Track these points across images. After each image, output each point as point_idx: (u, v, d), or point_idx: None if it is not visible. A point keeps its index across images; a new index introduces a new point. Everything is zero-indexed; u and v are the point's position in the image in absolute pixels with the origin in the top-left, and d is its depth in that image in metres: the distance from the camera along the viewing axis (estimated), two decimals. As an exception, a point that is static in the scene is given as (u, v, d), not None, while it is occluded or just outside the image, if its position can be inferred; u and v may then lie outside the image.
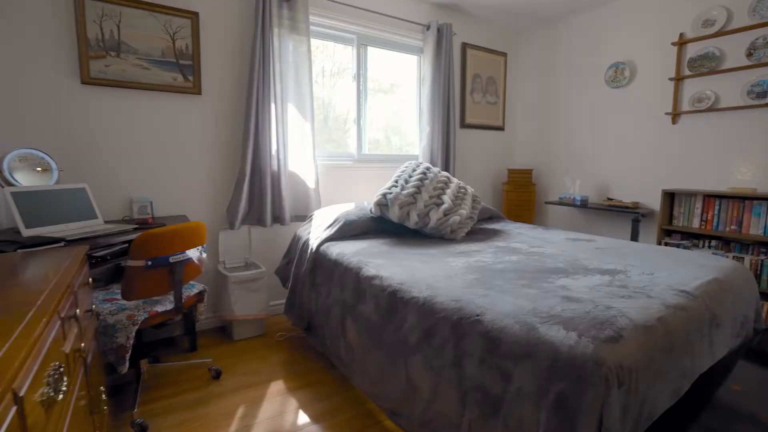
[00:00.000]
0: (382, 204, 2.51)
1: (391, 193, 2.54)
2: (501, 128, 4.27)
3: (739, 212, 2.78)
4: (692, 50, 3.02)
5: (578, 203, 3.50)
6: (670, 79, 3.11)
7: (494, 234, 2.58)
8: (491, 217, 3.13)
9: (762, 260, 2.65)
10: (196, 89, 2.58)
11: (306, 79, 2.88)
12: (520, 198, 3.93)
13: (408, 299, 1.60)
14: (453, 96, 3.63)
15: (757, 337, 1.88)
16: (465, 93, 3.92)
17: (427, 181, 2.64)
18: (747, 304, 1.81)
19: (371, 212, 2.59)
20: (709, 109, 2.94)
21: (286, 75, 2.83)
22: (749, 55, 2.77)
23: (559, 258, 1.97)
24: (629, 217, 3.45)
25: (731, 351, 1.67)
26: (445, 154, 3.67)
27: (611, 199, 3.45)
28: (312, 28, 3.03)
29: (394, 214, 2.48)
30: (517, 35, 4.31)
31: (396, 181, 2.65)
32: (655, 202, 3.28)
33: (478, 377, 1.29)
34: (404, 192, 2.53)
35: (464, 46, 3.87)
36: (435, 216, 2.47)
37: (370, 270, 1.89)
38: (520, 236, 2.51)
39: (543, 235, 2.54)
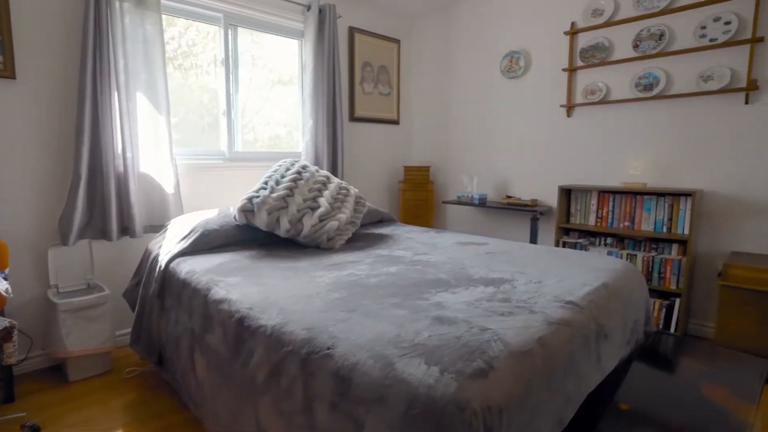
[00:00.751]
0: (247, 210, 2.22)
1: (258, 197, 2.25)
2: (396, 122, 4.17)
3: (631, 208, 2.94)
4: (584, 40, 3.16)
5: (476, 202, 3.51)
6: (564, 69, 3.23)
7: (380, 240, 2.42)
8: (382, 221, 2.99)
9: (653, 257, 2.82)
10: (8, 71, 2.19)
11: (159, 65, 2.56)
12: (418, 198, 3.86)
13: (255, 328, 1.35)
14: (339, 85, 3.43)
15: (649, 340, 1.91)
16: (354, 82, 3.75)
17: (301, 182, 2.39)
18: (637, 309, 1.83)
19: (235, 220, 2.29)
20: (602, 102, 3.09)
21: (134, 59, 2.50)
22: (636, 46, 2.95)
23: (443, 267, 1.84)
24: (529, 215, 3.53)
25: (622, 360, 1.66)
26: (332, 150, 3.46)
27: (510, 197, 3.50)
28: (166, 2, 2.70)
29: (261, 221, 2.20)
30: (411, 21, 4.26)
31: (265, 183, 2.38)
32: (553, 199, 3.39)
33: (329, 427, 1.08)
34: (274, 195, 2.26)
35: (351, 31, 3.70)
36: (309, 222, 2.23)
37: (219, 292, 1.61)
38: (407, 242, 2.37)
39: (433, 240, 2.43)
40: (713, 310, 2.76)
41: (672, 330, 2.73)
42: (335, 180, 2.54)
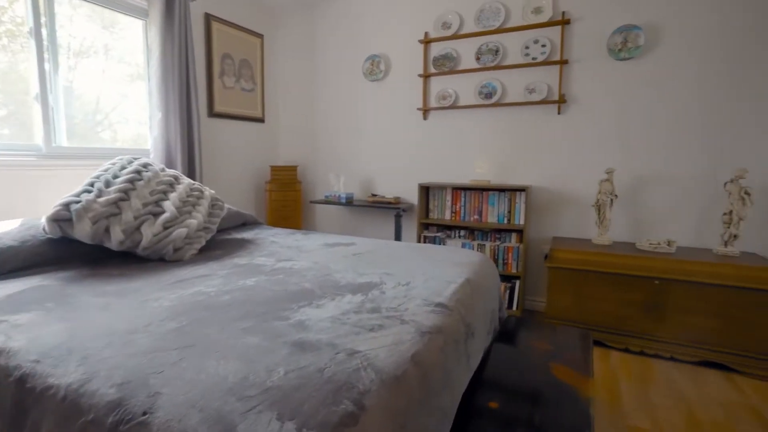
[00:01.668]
0: (62, 219, 1.62)
1: (78, 202, 1.66)
2: (261, 120, 3.72)
3: (479, 203, 2.99)
4: (436, 49, 3.13)
5: (344, 201, 3.29)
6: (420, 75, 3.16)
7: (240, 246, 2.01)
8: (245, 224, 2.56)
9: (498, 245, 2.91)
10: None
11: None
12: (286, 198, 3.49)
13: (42, 390, 0.87)
14: (195, 77, 2.87)
15: (501, 326, 1.88)
16: (212, 75, 3.20)
17: (141, 183, 1.86)
18: (493, 298, 1.77)
19: (45, 232, 1.66)
20: (452, 107, 3.10)
21: None
22: (478, 58, 3.00)
23: (308, 274, 1.54)
24: (393, 212, 3.43)
25: (485, 352, 1.56)
26: (188, 149, 2.88)
27: (375, 195, 3.35)
28: None
29: (83, 232, 1.62)
30: (275, 15, 3.84)
31: (91, 185, 1.78)
32: (414, 197, 3.33)
33: None
34: (102, 199, 1.69)
35: (208, 18, 3.14)
36: (150, 231, 1.72)
37: (-2, 336, 1.06)
38: (271, 246, 2.01)
39: (299, 243, 2.11)
40: (543, 288, 2.95)
41: (514, 308, 2.85)
42: (185, 180, 2.05)
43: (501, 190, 2.92)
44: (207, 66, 3.16)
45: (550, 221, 2.97)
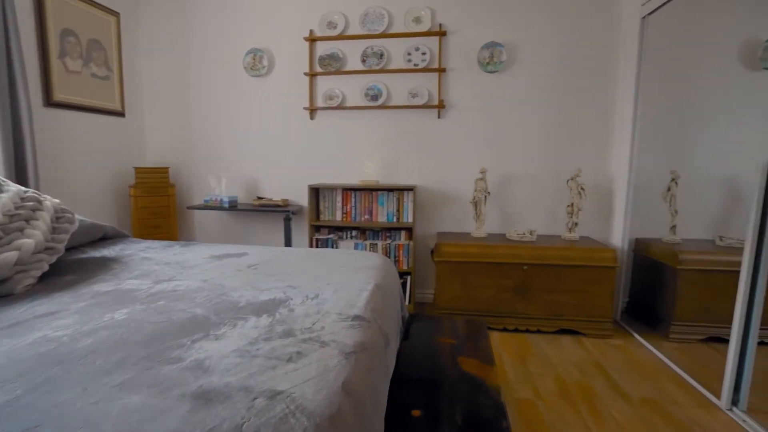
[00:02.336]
0: None
1: None
2: (120, 113, 3.09)
3: (369, 203, 2.94)
4: (321, 48, 2.97)
5: (226, 205, 2.92)
6: (306, 73, 2.97)
7: (101, 268, 1.58)
8: (106, 238, 2.05)
9: (389, 243, 2.90)
10: None
11: None
12: (156, 204, 2.96)
13: None
14: (19, 54, 2.20)
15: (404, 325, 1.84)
16: (49, 55, 2.51)
17: (-61, 190, 1.31)
18: (397, 298, 1.72)
19: None
20: (339, 107, 2.98)
21: None
22: (363, 61, 2.93)
23: (198, 296, 1.26)
24: (282, 215, 3.17)
25: (398, 355, 1.49)
26: (15, 145, 2.21)
27: (261, 198, 3.05)
28: None
29: None
30: (133, -6, 3.21)
31: None
32: (304, 198, 3.12)
33: None
34: None
35: (38, -18, 2.45)
36: (-42, 256, 1.23)
37: None
38: (144, 264, 1.63)
39: (180, 257, 1.76)
40: (431, 281, 3.05)
41: (407, 301, 2.88)
42: (12, 187, 1.52)
43: (389, 189, 2.92)
44: (39, 43, 2.47)
45: (435, 218, 3.08)
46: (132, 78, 3.19)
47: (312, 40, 2.94)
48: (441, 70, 2.88)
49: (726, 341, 2.45)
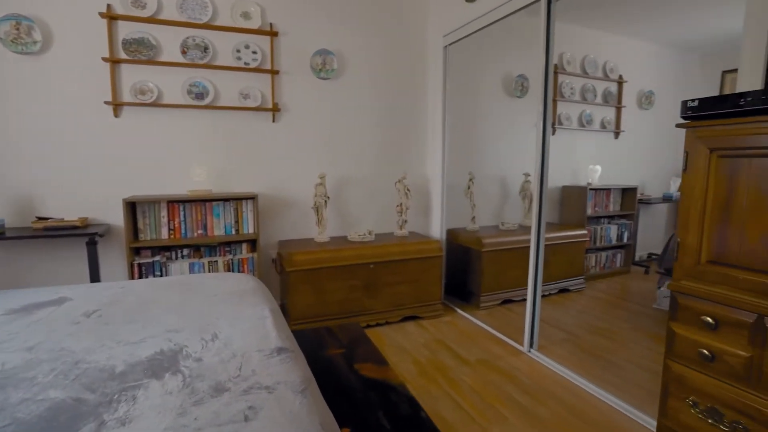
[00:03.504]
0: None
1: None
2: None
3: (202, 215, 2.63)
4: (126, 30, 2.45)
5: (-4, 234, 2.10)
6: (105, 59, 2.39)
7: None
8: None
9: (231, 259, 2.67)
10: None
11: None
12: None
13: None
14: None
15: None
16: None
17: None
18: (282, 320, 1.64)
19: None
20: (155, 104, 2.54)
21: None
22: (184, 52, 2.58)
23: (38, 374, 0.93)
24: (81, 240, 2.48)
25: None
26: None
27: (44, 219, 2.32)
28: None
29: None
30: None
31: None
32: (114, 215, 2.53)
33: None
34: None
35: None
36: None
37: None
38: None
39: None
40: (276, 292, 2.97)
41: (257, 319, 2.72)
42: None
43: (226, 199, 2.68)
44: None
45: (274, 226, 3.00)
46: None
47: (111, 17, 2.39)
48: (274, 72, 2.81)
49: (513, 302, 3.30)
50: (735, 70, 4.26)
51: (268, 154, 2.91)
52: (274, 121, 2.90)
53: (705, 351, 1.02)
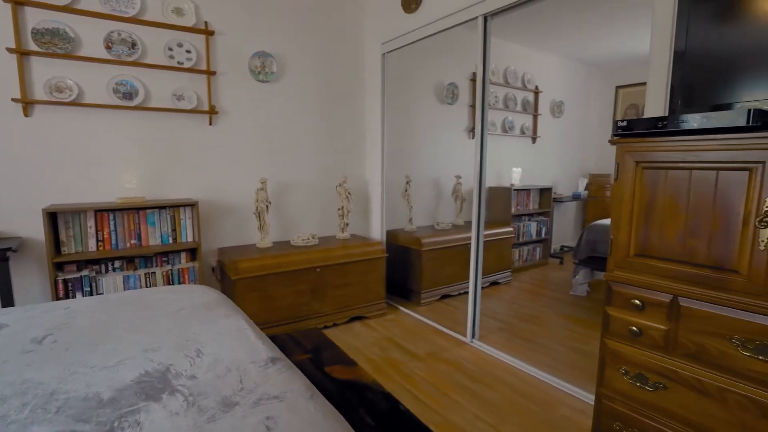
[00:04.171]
0: None
1: None
2: None
3: (135, 224, 2.45)
4: (36, 18, 2.18)
5: None
6: (10, 50, 2.11)
7: None
8: None
9: (170, 269, 2.52)
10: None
11: None
12: None
13: None
14: None
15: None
16: None
17: None
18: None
19: None
20: (75, 103, 2.30)
21: None
22: (108, 47, 2.38)
23: (10, 410, 0.85)
24: (-14, 256, 2.16)
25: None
26: None
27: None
28: None
29: None
30: None
31: None
32: (29, 229, 2.24)
33: None
34: None
35: None
36: None
37: None
38: None
39: None
40: (229, 298, 2.85)
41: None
42: None
43: (161, 207, 2.52)
44: None
45: (213, 233, 2.89)
46: None
47: (16, 2, 2.11)
48: (211, 73, 2.70)
49: (450, 296, 3.55)
50: (627, 86, 5.00)
51: (205, 159, 2.79)
52: (211, 124, 2.79)
53: (634, 328, 1.26)
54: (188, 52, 2.63)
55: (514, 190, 4.22)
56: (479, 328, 2.73)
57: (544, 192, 4.56)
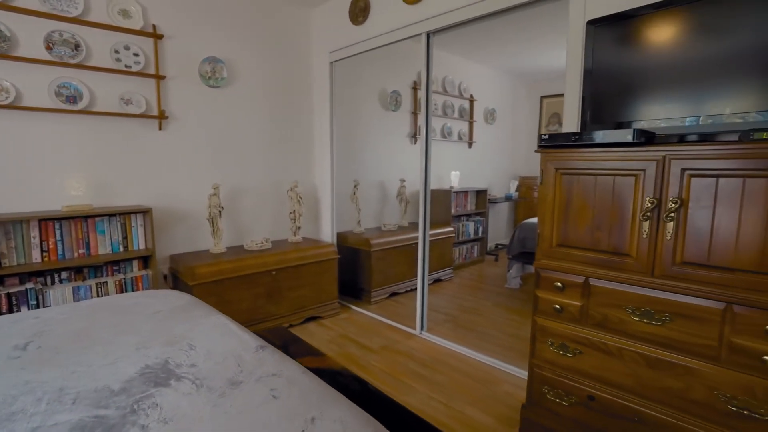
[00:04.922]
0: None
1: None
2: None
3: (83, 233, 2.41)
4: (-31, 18, 2.09)
5: None
6: (-58, 51, 2.01)
7: None
8: None
9: (123, 278, 2.50)
10: None
11: None
12: None
13: None
14: None
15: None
16: None
17: None
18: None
19: None
20: (13, 106, 2.23)
21: None
22: (49, 48, 2.32)
23: (28, 407, 0.94)
24: None
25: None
26: None
27: None
28: None
29: None
30: None
31: None
32: (-41, 239, 2.13)
33: None
34: None
35: None
36: None
37: None
38: None
39: None
40: (174, 308, 2.86)
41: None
42: None
43: (111, 214, 2.50)
44: None
45: (165, 240, 2.89)
46: None
47: (-52, 1, 2.01)
48: (160, 77, 2.72)
49: (398, 294, 3.82)
50: (551, 96, 5.64)
51: (155, 165, 2.79)
52: (161, 129, 2.79)
53: (557, 306, 1.58)
54: (136, 55, 2.62)
55: (454, 192, 4.60)
56: (427, 321, 3.01)
57: (480, 194, 5.00)
